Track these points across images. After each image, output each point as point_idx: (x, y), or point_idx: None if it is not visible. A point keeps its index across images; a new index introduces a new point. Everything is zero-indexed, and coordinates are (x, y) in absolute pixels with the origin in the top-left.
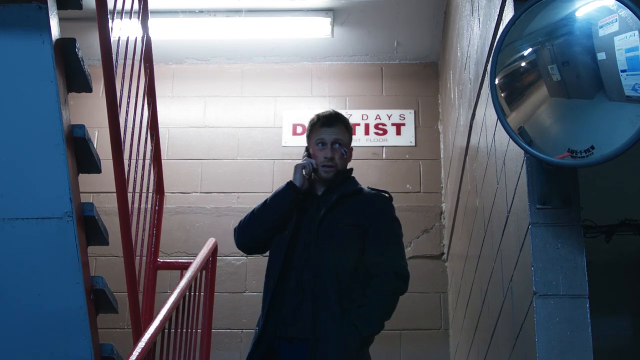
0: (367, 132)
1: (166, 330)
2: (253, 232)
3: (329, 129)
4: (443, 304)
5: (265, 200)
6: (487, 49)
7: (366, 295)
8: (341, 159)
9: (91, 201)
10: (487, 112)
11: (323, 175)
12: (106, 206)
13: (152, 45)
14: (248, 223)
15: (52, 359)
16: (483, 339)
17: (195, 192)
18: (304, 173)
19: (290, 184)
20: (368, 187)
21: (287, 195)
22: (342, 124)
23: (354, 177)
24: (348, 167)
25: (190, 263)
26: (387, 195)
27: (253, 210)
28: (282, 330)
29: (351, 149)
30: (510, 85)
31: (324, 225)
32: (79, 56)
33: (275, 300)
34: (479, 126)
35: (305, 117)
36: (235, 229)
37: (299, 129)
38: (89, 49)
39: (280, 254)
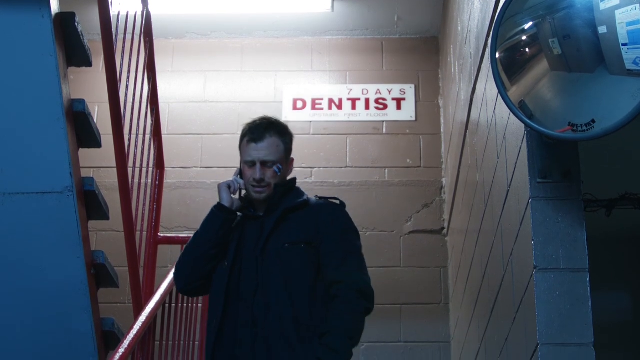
0: (367, 107)
1: (167, 305)
2: (188, 269)
3: (257, 146)
4: (443, 278)
5: (196, 232)
6: (487, 23)
7: (327, 320)
8: (274, 177)
9: (91, 176)
10: (487, 87)
11: (255, 196)
12: (106, 181)
13: (152, 20)
14: (183, 262)
15: (53, 333)
16: (483, 313)
17: (195, 167)
18: (230, 192)
19: (217, 206)
20: (316, 197)
21: (217, 218)
22: (274, 134)
23: (298, 188)
24: (290, 177)
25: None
26: (338, 202)
27: (185, 248)
28: None
29: (291, 160)
30: (511, 59)
31: (269, 248)
32: (79, 30)
33: (221, 340)
34: (480, 100)
35: (306, 91)
36: (173, 274)
37: (300, 104)
38: (88, 24)
39: (221, 288)
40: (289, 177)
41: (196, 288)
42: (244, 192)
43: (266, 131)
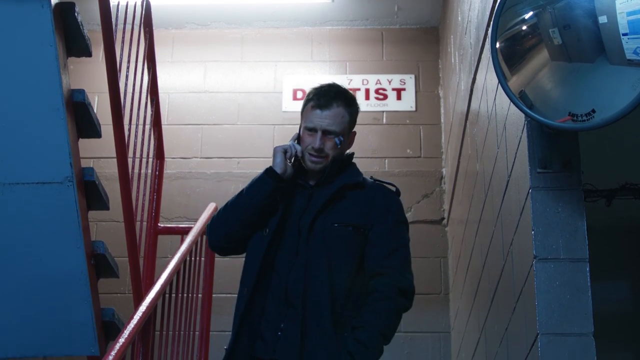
0: (367, 97)
1: (167, 295)
2: (225, 229)
3: (322, 113)
4: (443, 268)
5: (242, 191)
6: (488, 12)
7: (363, 314)
8: (334, 149)
9: (91, 166)
10: (487, 77)
11: (310, 166)
12: (106, 171)
13: (152, 10)
14: (220, 219)
15: (53, 323)
16: (483, 303)
17: (195, 157)
18: (286, 158)
19: (269, 171)
20: (371, 178)
21: (265, 185)
22: (341, 104)
23: (354, 164)
24: (348, 152)
25: (191, 228)
26: (394, 189)
27: (227, 204)
28: (260, 350)
29: (353, 134)
30: (511, 49)
31: (317, 225)
32: (79, 20)
33: (250, 313)
34: (480, 91)
35: (306, 82)
36: (207, 226)
37: (299, 94)
38: (88, 14)
39: (257, 257)
40: (347, 152)
41: (227, 249)
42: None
43: (334, 99)
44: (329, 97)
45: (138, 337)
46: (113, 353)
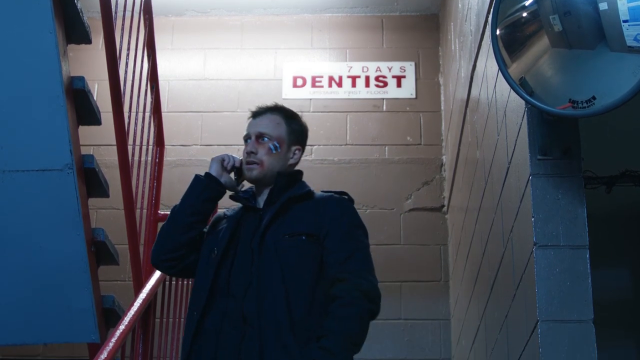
0: (367, 85)
1: (167, 282)
2: (162, 238)
3: (254, 120)
4: (443, 256)
5: (175, 205)
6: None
7: (325, 322)
8: (269, 155)
9: (91, 153)
10: (488, 64)
11: (246, 173)
12: (106, 159)
13: None
14: (160, 234)
15: (53, 310)
16: (483, 290)
17: (195, 144)
18: (224, 166)
19: (205, 174)
20: (322, 191)
21: (198, 182)
22: (277, 113)
23: (303, 181)
24: (296, 168)
25: None
26: (346, 197)
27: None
28: None
29: (297, 150)
30: (511, 36)
31: (267, 239)
32: (78, 7)
33: (200, 337)
34: (480, 78)
35: (306, 69)
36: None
37: (299, 82)
38: (88, 1)
39: (207, 278)
40: (296, 168)
41: (167, 262)
42: (245, 186)
43: (268, 110)
44: (264, 108)
45: (138, 325)
46: (113, 340)
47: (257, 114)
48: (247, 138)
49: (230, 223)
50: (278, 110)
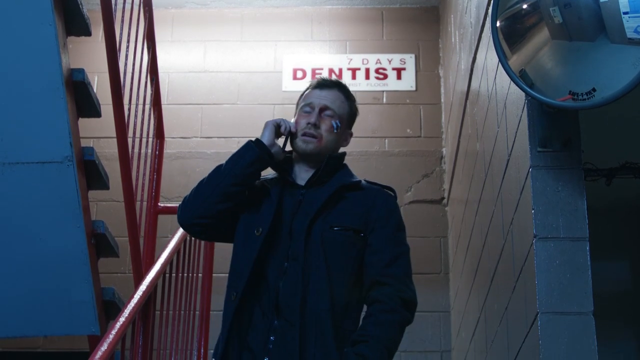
0: (367, 77)
1: (167, 275)
2: (198, 201)
3: (321, 92)
4: (443, 248)
5: (220, 165)
6: None
7: (365, 326)
8: (329, 132)
9: (91, 146)
10: (488, 56)
11: (300, 146)
12: (106, 151)
13: None
14: (194, 193)
15: (53, 303)
16: (483, 283)
17: (195, 137)
18: (280, 132)
19: (255, 140)
20: (365, 181)
21: (249, 151)
22: (341, 92)
23: (346, 166)
24: (341, 150)
25: None
26: (392, 193)
27: (202, 180)
28: None
29: (349, 133)
30: (511, 27)
31: (315, 228)
32: None
33: (239, 320)
34: (480, 70)
35: (306, 61)
36: (180, 204)
37: (299, 74)
38: None
39: (249, 257)
40: (341, 150)
41: (198, 226)
42: (288, 148)
43: (336, 85)
44: (330, 81)
45: (138, 317)
46: (113, 332)
47: (324, 85)
48: (308, 108)
49: (274, 197)
50: (343, 88)
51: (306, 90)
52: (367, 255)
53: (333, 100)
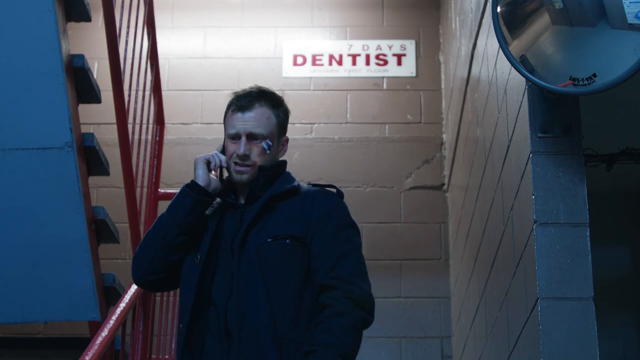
0: (367, 63)
1: None
2: (147, 258)
3: (243, 116)
4: (443, 234)
5: (161, 215)
6: None
7: (315, 335)
8: (262, 155)
9: (91, 132)
10: (488, 42)
11: (235, 177)
12: (107, 137)
13: None
14: (141, 248)
15: (54, 288)
16: (483, 268)
17: (195, 123)
18: (211, 168)
19: (190, 184)
20: (308, 184)
21: (187, 198)
22: (265, 104)
23: (288, 173)
24: (281, 158)
25: None
26: (334, 190)
27: (147, 232)
28: None
29: (285, 140)
30: (512, 13)
31: (249, 242)
32: None
33: (190, 353)
34: (481, 56)
35: (306, 47)
36: (132, 260)
37: (300, 60)
38: None
39: (191, 287)
40: (280, 159)
41: (154, 282)
42: (225, 174)
43: (256, 100)
44: (250, 97)
45: (139, 303)
46: (114, 318)
47: (244, 108)
48: (234, 135)
49: (212, 223)
50: (264, 99)
51: (228, 109)
52: (312, 261)
53: (258, 123)
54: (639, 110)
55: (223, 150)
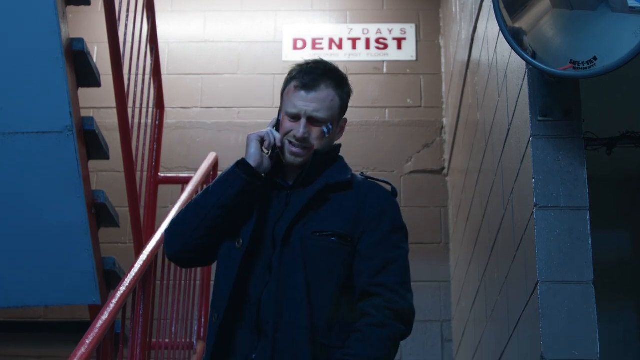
0: (367, 47)
1: None
2: (187, 234)
3: (307, 95)
4: (443, 218)
5: (207, 188)
6: None
7: (350, 343)
8: (320, 139)
9: (91, 116)
10: (488, 25)
11: (289, 159)
12: (106, 121)
13: None
14: (180, 221)
15: (54, 272)
16: (483, 252)
17: (195, 107)
18: (263, 148)
19: (241, 164)
20: (361, 174)
21: (237, 179)
22: (330, 85)
23: (342, 159)
24: (336, 142)
25: (191, 178)
26: (390, 187)
27: (189, 204)
28: None
29: (344, 121)
30: None
31: (294, 234)
32: None
33: (222, 345)
34: (481, 39)
35: (306, 31)
36: (165, 230)
37: (300, 44)
38: None
39: (230, 274)
40: (335, 142)
41: (188, 260)
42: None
43: (321, 79)
44: (315, 75)
45: (139, 286)
46: (114, 302)
47: (310, 87)
48: (295, 115)
49: (256, 205)
50: (331, 78)
51: (290, 82)
52: (356, 262)
53: (321, 105)
54: (639, 93)
55: (277, 126)
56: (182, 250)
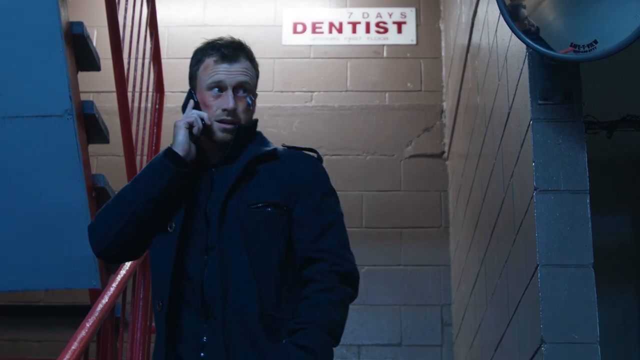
0: (367, 31)
1: None
2: (115, 230)
3: (231, 67)
4: (443, 202)
5: (135, 179)
6: None
7: (301, 311)
8: (246, 112)
9: (91, 100)
10: (489, 9)
11: (219, 136)
12: (106, 105)
13: None
14: (106, 217)
15: (54, 256)
16: (483, 236)
17: None
18: (194, 133)
19: (169, 153)
20: (283, 146)
21: (165, 170)
22: (246, 57)
23: (261, 133)
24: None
25: None
26: (315, 155)
27: (114, 197)
28: None
29: (256, 96)
30: None
31: (229, 210)
32: None
33: (171, 331)
34: (481, 23)
35: (306, 15)
36: (88, 227)
37: (299, 28)
38: None
39: (168, 260)
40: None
41: (118, 256)
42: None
43: (240, 52)
44: (232, 48)
45: (139, 270)
46: (114, 285)
47: (230, 57)
48: (217, 87)
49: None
50: (245, 51)
51: (204, 59)
52: (295, 230)
53: (246, 74)
54: (639, 77)
55: (196, 107)
56: (111, 247)
